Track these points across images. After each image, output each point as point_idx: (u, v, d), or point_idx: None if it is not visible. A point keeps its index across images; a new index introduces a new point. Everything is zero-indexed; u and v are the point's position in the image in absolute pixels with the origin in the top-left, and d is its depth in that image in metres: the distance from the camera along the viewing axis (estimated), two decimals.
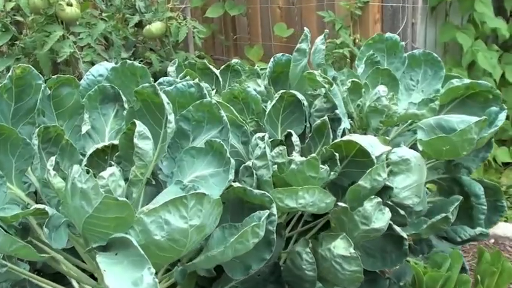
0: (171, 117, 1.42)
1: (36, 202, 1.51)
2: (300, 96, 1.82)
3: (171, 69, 2.19)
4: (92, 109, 1.60)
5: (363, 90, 1.97)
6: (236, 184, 1.48)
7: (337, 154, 1.63)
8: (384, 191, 1.69)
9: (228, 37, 4.71)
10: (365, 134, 1.97)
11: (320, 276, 1.61)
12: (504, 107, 1.91)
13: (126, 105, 1.60)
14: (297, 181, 1.57)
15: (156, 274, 1.17)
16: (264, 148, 1.55)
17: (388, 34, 2.22)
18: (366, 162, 1.64)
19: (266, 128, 1.80)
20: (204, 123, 1.53)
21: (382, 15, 3.69)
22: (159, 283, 1.40)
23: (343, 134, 1.76)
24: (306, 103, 1.84)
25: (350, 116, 1.98)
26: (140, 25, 3.61)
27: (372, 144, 1.67)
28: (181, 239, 1.21)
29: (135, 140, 1.33)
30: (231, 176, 1.37)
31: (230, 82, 2.25)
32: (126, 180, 1.40)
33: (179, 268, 1.43)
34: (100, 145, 1.49)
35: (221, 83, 2.18)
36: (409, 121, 2.02)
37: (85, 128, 1.56)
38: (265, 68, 2.40)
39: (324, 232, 1.67)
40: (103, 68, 1.71)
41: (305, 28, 2.02)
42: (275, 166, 1.61)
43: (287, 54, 2.09)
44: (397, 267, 1.87)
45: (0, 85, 1.48)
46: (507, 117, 1.92)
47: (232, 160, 1.38)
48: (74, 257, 1.51)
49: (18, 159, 1.42)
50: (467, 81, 2.00)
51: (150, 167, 1.41)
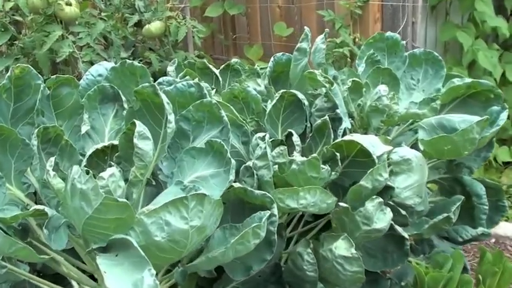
0: (171, 117, 1.41)
1: (35, 203, 1.50)
2: (301, 95, 1.81)
3: (171, 68, 2.18)
4: (92, 109, 1.59)
5: (364, 89, 1.97)
6: (237, 184, 1.47)
7: (338, 154, 1.62)
8: (385, 191, 1.69)
9: (228, 36, 4.70)
10: (366, 134, 1.96)
11: (321, 277, 1.61)
12: (506, 106, 1.90)
13: (125, 105, 1.59)
14: (298, 181, 1.56)
15: (157, 275, 1.16)
16: (265, 148, 1.54)
17: (389, 33, 2.21)
18: (367, 162, 1.63)
19: (266, 128, 1.79)
20: (204, 123, 1.52)
21: (382, 14, 3.68)
22: (160, 284, 1.40)
23: (344, 134, 1.75)
24: (307, 103, 1.83)
25: (351, 116, 1.97)
26: (139, 25, 3.60)
27: (373, 144, 1.66)
28: (181, 240, 1.20)
29: (135, 141, 1.32)
30: (232, 177, 1.36)
31: (230, 82, 2.24)
32: (126, 180, 1.39)
33: (180, 269, 1.42)
34: (100, 145, 1.48)
35: (221, 83, 2.18)
36: (410, 121, 2.01)
37: (84, 128, 1.56)
38: (265, 68, 2.39)
39: (325, 233, 1.66)
40: (102, 68, 1.70)
41: (305, 27, 2.01)
42: (276, 166, 1.61)
43: (287, 53, 2.08)
44: (398, 267, 1.86)
45: None
46: (508, 116, 1.91)
47: (233, 161, 1.37)
48: (74, 258, 1.50)
49: (17, 159, 1.41)
50: (468, 80, 1.99)
51: (150, 168, 1.40)
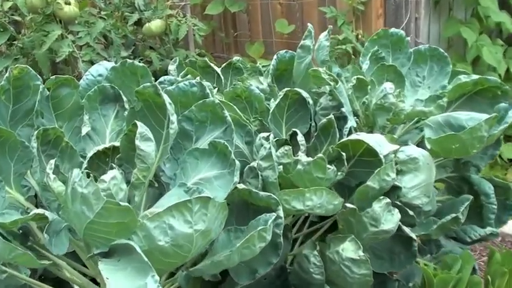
0: (174, 117, 1.38)
1: (36, 206, 1.47)
2: (305, 94, 1.78)
3: (172, 67, 2.15)
4: (92, 110, 1.56)
5: (369, 87, 1.93)
6: (241, 186, 1.44)
7: (344, 154, 1.59)
8: (392, 191, 1.65)
9: (229, 34, 4.67)
10: (371, 132, 1.92)
11: (328, 279, 1.57)
12: None
13: (126, 105, 1.56)
14: (304, 182, 1.53)
15: (160, 279, 1.13)
16: (269, 148, 1.51)
17: (393, 29, 2.18)
18: (374, 161, 1.60)
19: (270, 127, 1.76)
20: (207, 123, 1.49)
21: (385, 10, 3.65)
22: None
23: (349, 133, 1.72)
24: (311, 101, 1.80)
25: (355, 114, 1.94)
26: (139, 23, 3.58)
27: (380, 143, 1.63)
28: (186, 245, 1.17)
29: (137, 142, 1.29)
30: (236, 179, 1.33)
31: (232, 80, 2.22)
32: (127, 182, 1.36)
33: (183, 273, 1.39)
34: (101, 147, 1.45)
35: (223, 81, 2.15)
36: (416, 118, 1.98)
37: (85, 130, 1.53)
38: (267, 65, 2.36)
39: (332, 234, 1.63)
40: (102, 68, 1.67)
41: (308, 24, 1.98)
42: (280, 166, 1.57)
43: (290, 51, 2.05)
44: (406, 268, 1.82)
45: None
46: None
47: (237, 162, 1.34)
48: (76, 262, 1.47)
49: (16, 162, 1.39)
50: (475, 77, 1.96)
51: (153, 169, 1.37)
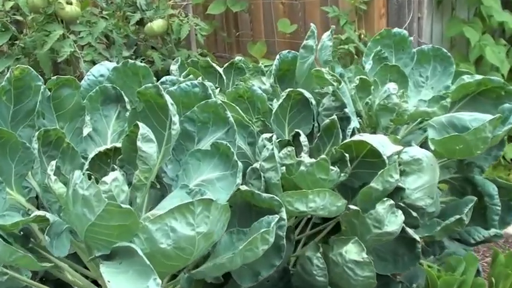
0: (176, 118, 1.37)
1: (37, 207, 1.46)
2: (308, 94, 1.77)
3: (174, 67, 2.14)
4: (93, 110, 1.55)
5: (372, 87, 1.92)
6: (244, 187, 1.43)
7: (347, 155, 1.58)
8: (396, 192, 1.64)
9: (230, 34, 4.65)
10: (374, 133, 1.91)
11: (331, 281, 1.56)
12: None
13: (128, 106, 1.55)
14: (307, 183, 1.51)
15: (162, 281, 1.12)
16: (272, 150, 1.49)
17: (396, 29, 2.17)
18: (377, 162, 1.59)
19: (273, 128, 1.75)
20: (210, 124, 1.48)
21: (387, 9, 3.63)
22: None
23: (352, 134, 1.71)
24: (314, 102, 1.79)
25: (358, 115, 1.93)
26: (141, 23, 3.56)
27: (383, 144, 1.62)
28: (188, 247, 1.16)
29: (139, 143, 1.28)
30: (239, 180, 1.32)
31: (234, 80, 2.21)
32: (129, 184, 1.35)
33: (186, 275, 1.38)
34: (102, 148, 1.44)
35: (225, 82, 2.14)
36: (419, 119, 1.96)
37: (86, 130, 1.52)
38: (269, 65, 2.34)
39: (335, 236, 1.61)
40: (104, 68, 1.66)
41: (311, 24, 1.96)
42: (283, 168, 1.56)
43: (293, 51, 2.03)
44: (409, 270, 1.81)
45: None
46: None
47: (239, 163, 1.33)
48: (77, 264, 1.46)
49: (17, 163, 1.38)
50: (478, 77, 1.94)
51: (154, 171, 1.36)
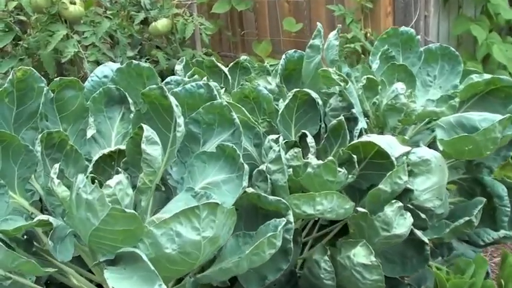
0: (180, 120, 1.35)
1: (41, 210, 1.45)
2: (314, 94, 1.74)
3: (179, 67, 2.12)
4: (97, 112, 1.53)
5: (379, 87, 1.89)
6: (250, 190, 1.40)
7: (354, 156, 1.56)
8: (404, 194, 1.61)
9: (235, 33, 4.63)
10: (382, 133, 1.89)
11: (339, 285, 1.54)
12: None
13: (132, 107, 1.53)
14: (314, 185, 1.49)
15: (167, 286, 1.10)
16: (279, 151, 1.47)
17: (403, 28, 2.14)
18: (385, 164, 1.57)
19: (279, 129, 1.72)
20: (215, 125, 1.46)
21: (394, 8, 3.60)
22: None
23: (360, 134, 1.68)
24: (321, 102, 1.76)
25: (366, 115, 1.90)
26: (146, 22, 3.54)
27: (391, 144, 1.59)
28: (193, 252, 1.14)
29: (143, 146, 1.26)
30: (245, 183, 1.29)
31: (239, 80, 2.19)
32: (134, 187, 1.33)
33: (191, 279, 1.36)
34: (106, 150, 1.42)
35: (230, 81, 2.12)
36: (427, 119, 1.93)
37: (90, 132, 1.50)
38: (274, 64, 2.32)
39: (342, 238, 1.59)
40: (108, 69, 1.64)
41: (318, 23, 1.94)
42: (290, 169, 1.54)
43: (299, 50, 2.01)
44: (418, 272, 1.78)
45: (0, 89, 1.41)
46: None
47: (246, 166, 1.31)
48: (82, 267, 1.44)
49: (20, 166, 1.36)
50: (487, 76, 1.91)
51: (159, 174, 1.34)
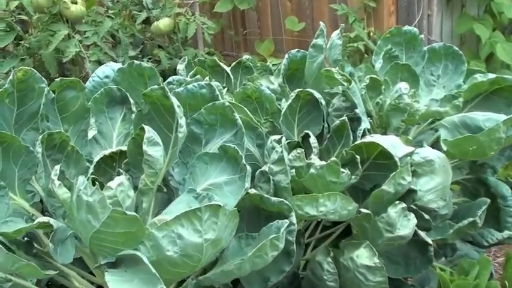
0: (182, 121, 1.34)
1: (42, 211, 1.44)
2: (317, 95, 1.73)
3: (181, 67, 2.10)
4: (98, 113, 1.52)
5: (383, 87, 1.88)
6: (252, 191, 1.40)
7: (358, 157, 1.54)
8: (408, 194, 1.61)
9: (238, 32, 4.61)
10: (385, 134, 1.87)
11: (342, 286, 1.52)
12: None
13: (134, 108, 1.52)
14: (317, 186, 1.48)
15: None
16: (281, 152, 1.46)
17: (407, 27, 2.13)
18: (389, 164, 1.56)
19: (282, 129, 1.71)
20: (217, 126, 1.45)
21: (397, 7, 3.58)
22: None
23: (363, 135, 1.67)
24: (324, 102, 1.75)
25: (369, 115, 1.88)
26: (148, 22, 3.53)
27: (395, 145, 1.58)
28: (195, 254, 1.13)
29: (144, 147, 1.25)
30: (247, 185, 1.28)
31: (242, 79, 2.17)
32: (135, 188, 1.32)
33: (193, 281, 1.34)
34: (107, 151, 1.42)
35: (232, 81, 2.10)
36: (431, 119, 1.92)
37: (91, 133, 1.49)
38: (277, 64, 2.30)
39: (346, 240, 1.58)
40: (109, 69, 1.63)
41: (321, 23, 1.92)
42: (293, 170, 1.53)
43: (302, 50, 1.99)
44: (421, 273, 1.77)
45: (1, 90, 1.40)
46: None
47: (248, 167, 1.29)
48: (83, 269, 1.43)
49: (21, 168, 1.35)
50: (491, 76, 1.90)
51: (161, 175, 1.33)
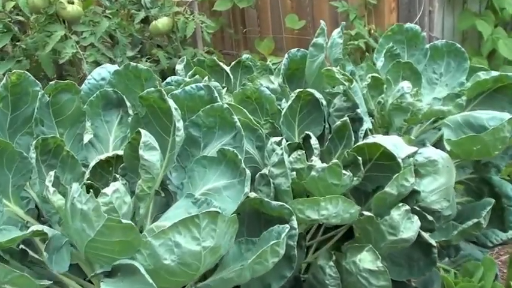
0: (180, 124, 1.31)
1: (37, 217, 1.40)
2: (318, 95, 1.70)
3: (180, 67, 2.08)
4: (94, 116, 1.49)
5: (384, 86, 1.84)
6: (252, 194, 1.37)
7: (360, 158, 1.51)
8: (411, 195, 1.57)
9: (237, 30, 4.58)
10: (387, 133, 1.84)
11: None
12: None
13: (130, 111, 1.49)
14: (318, 189, 1.45)
15: None
16: (282, 155, 1.43)
17: (408, 24, 2.10)
18: (391, 165, 1.52)
19: (282, 130, 1.68)
20: (216, 129, 1.42)
21: (398, 3, 3.55)
22: None
23: (365, 135, 1.64)
24: (325, 102, 1.71)
25: (370, 114, 1.85)
26: (146, 21, 3.50)
27: (397, 145, 1.55)
28: (193, 263, 1.10)
29: (141, 152, 1.22)
30: (247, 189, 1.25)
31: (241, 79, 2.15)
32: (132, 193, 1.29)
33: None
34: (103, 156, 1.38)
35: (232, 81, 2.07)
36: (433, 118, 1.89)
37: (87, 137, 1.46)
38: (277, 63, 2.27)
39: (348, 243, 1.55)
40: (105, 71, 1.60)
41: (321, 21, 1.89)
42: (293, 172, 1.50)
43: (302, 49, 1.96)
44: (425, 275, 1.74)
45: None
46: None
47: (247, 171, 1.26)
48: (80, 276, 1.40)
49: (15, 174, 1.32)
50: (495, 73, 1.86)
51: (158, 180, 1.30)
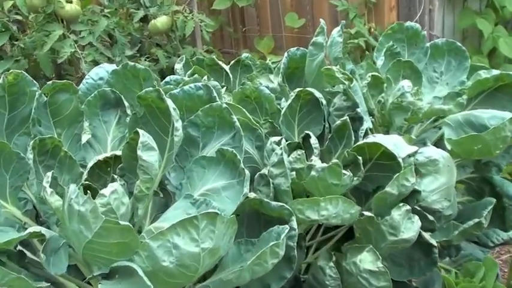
0: (178, 124, 1.30)
1: (35, 218, 1.39)
2: (318, 94, 1.69)
3: (179, 66, 2.07)
4: (92, 116, 1.48)
5: (384, 85, 1.83)
6: (252, 195, 1.36)
7: (360, 157, 1.50)
8: (411, 195, 1.56)
9: (237, 29, 4.56)
10: (387, 133, 1.83)
11: None
12: None
13: (128, 111, 1.48)
14: (318, 189, 1.44)
15: None
16: (281, 154, 1.42)
17: (409, 23, 2.08)
18: (392, 165, 1.52)
19: (282, 130, 1.67)
20: (215, 129, 1.41)
21: (398, 2, 3.54)
22: None
23: (365, 134, 1.63)
24: (324, 101, 1.70)
25: (371, 113, 1.84)
26: (145, 20, 3.49)
27: (398, 145, 1.54)
28: (192, 264, 1.08)
29: (139, 152, 1.21)
30: (246, 190, 1.24)
31: (241, 78, 2.14)
32: (131, 193, 1.28)
33: None
34: (101, 156, 1.37)
35: (231, 80, 2.07)
36: (434, 117, 1.88)
37: (85, 137, 1.45)
38: (276, 62, 2.26)
39: (348, 243, 1.54)
40: (103, 71, 1.58)
41: (321, 20, 1.88)
42: (293, 172, 1.49)
43: (302, 48, 1.95)
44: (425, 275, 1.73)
45: None
46: None
47: (246, 172, 1.25)
48: (78, 277, 1.39)
49: (12, 175, 1.31)
50: (495, 72, 1.85)
51: (157, 180, 1.29)
